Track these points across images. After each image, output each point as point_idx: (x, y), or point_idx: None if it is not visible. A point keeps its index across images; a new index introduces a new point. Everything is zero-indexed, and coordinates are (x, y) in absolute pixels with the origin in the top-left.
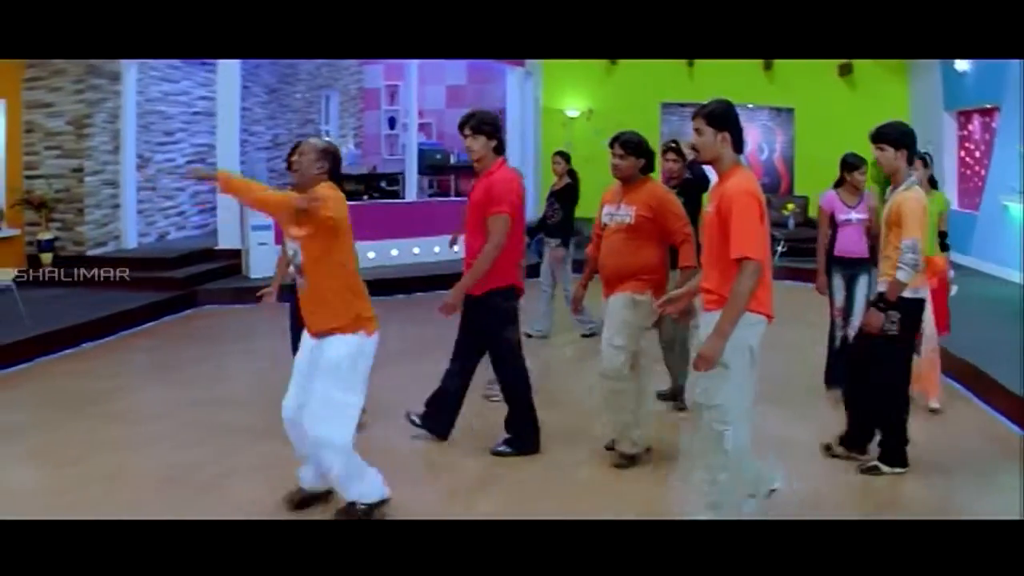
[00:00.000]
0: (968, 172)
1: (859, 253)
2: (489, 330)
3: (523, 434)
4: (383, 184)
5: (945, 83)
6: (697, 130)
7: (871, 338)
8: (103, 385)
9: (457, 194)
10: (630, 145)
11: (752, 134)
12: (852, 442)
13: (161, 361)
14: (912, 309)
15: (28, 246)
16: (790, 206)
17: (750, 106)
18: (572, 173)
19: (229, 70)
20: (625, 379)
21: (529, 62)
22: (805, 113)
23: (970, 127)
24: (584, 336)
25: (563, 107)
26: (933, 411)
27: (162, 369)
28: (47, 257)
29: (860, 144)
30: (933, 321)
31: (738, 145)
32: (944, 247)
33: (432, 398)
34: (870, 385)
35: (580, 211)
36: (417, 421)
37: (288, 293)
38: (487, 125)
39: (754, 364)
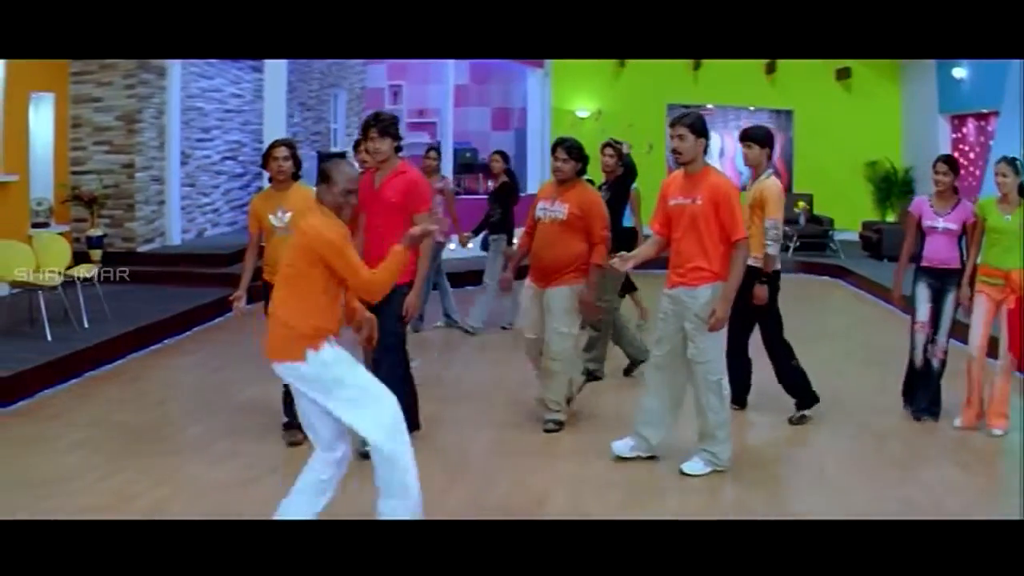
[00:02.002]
0: (963, 172)
1: (947, 263)
2: (392, 325)
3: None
4: None
5: (940, 88)
6: (680, 136)
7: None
8: (217, 378)
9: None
10: (573, 150)
11: None
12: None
13: (255, 353)
14: (773, 278)
15: (75, 243)
16: (800, 204)
17: (751, 108)
18: (509, 172)
19: (276, 68)
20: (570, 361)
21: (544, 63)
22: (804, 115)
23: (964, 130)
24: (504, 328)
25: (573, 108)
26: (995, 436)
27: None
28: (96, 253)
29: (857, 145)
30: (1007, 343)
31: (706, 150)
32: None
33: None
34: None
35: None
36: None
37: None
38: (393, 127)
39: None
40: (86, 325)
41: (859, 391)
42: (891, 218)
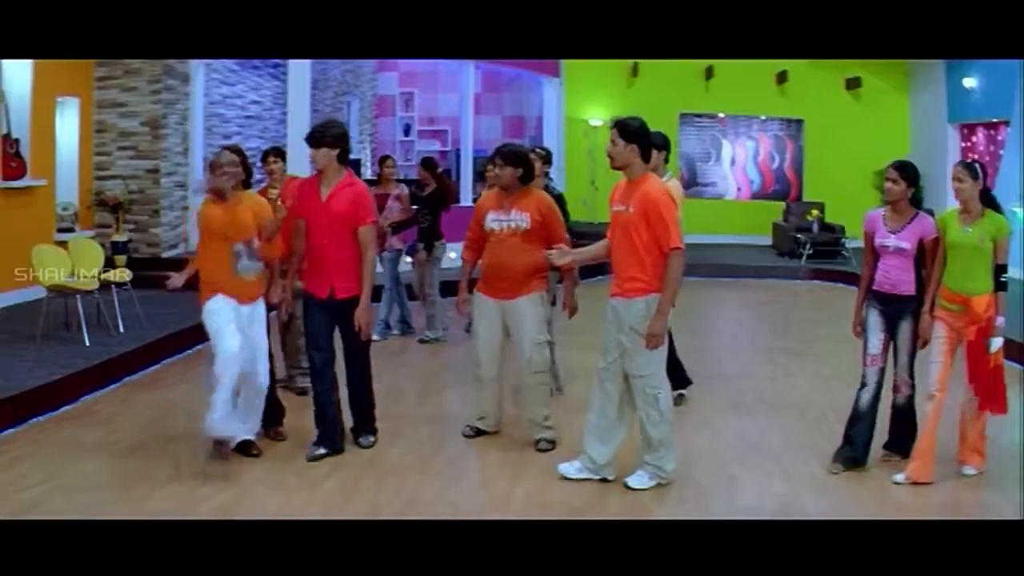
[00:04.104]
0: None
1: (897, 287)
2: (356, 332)
3: (372, 420)
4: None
5: (950, 98)
6: (611, 140)
7: None
8: None
9: None
10: (509, 157)
11: (764, 143)
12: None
13: None
14: None
15: (100, 248)
16: (814, 212)
17: (762, 117)
18: (439, 178)
19: (300, 73)
20: (549, 370)
21: (559, 72)
22: (814, 124)
23: (974, 139)
24: (422, 341)
25: (586, 116)
26: (967, 475)
27: None
28: (122, 259)
29: (866, 153)
30: (967, 376)
31: (646, 156)
32: (1000, 285)
33: (320, 420)
34: None
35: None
36: (323, 452)
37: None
38: (330, 137)
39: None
40: (121, 330)
41: None
42: None
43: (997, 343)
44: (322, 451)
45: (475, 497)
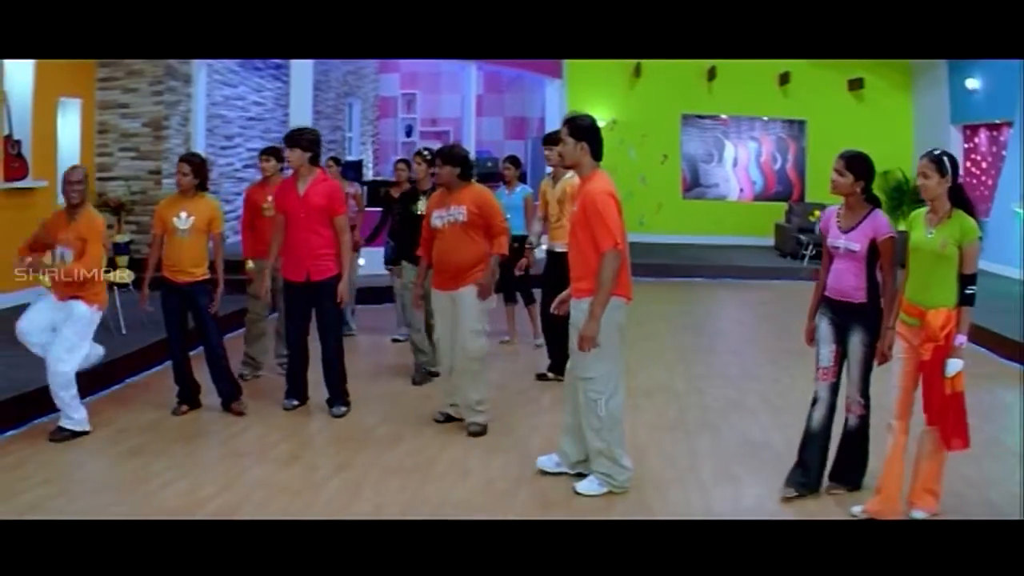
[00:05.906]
0: (975, 181)
1: (848, 295)
2: (333, 308)
3: (343, 391)
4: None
5: (952, 99)
6: (562, 139)
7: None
8: (259, 384)
9: None
10: (447, 157)
11: (766, 144)
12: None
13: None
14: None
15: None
16: (816, 213)
17: (765, 118)
18: (411, 180)
19: (302, 73)
20: (485, 358)
21: (561, 73)
22: (816, 125)
23: (976, 140)
24: (395, 341)
25: None
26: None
27: None
28: (123, 261)
29: (869, 154)
30: (923, 404)
31: (596, 154)
32: (965, 299)
33: (292, 380)
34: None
35: None
36: (296, 403)
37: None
38: (304, 140)
39: (623, 341)
40: (123, 331)
41: None
42: (903, 227)
43: (955, 366)
44: (295, 402)
45: (478, 498)
